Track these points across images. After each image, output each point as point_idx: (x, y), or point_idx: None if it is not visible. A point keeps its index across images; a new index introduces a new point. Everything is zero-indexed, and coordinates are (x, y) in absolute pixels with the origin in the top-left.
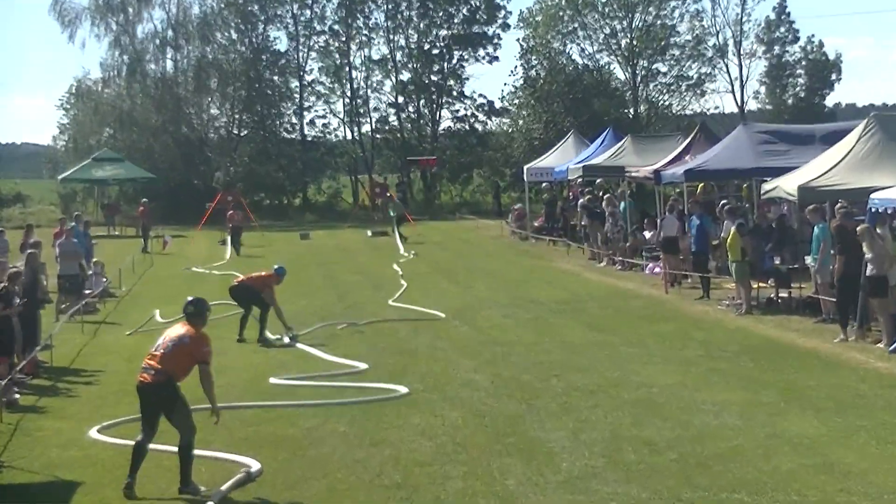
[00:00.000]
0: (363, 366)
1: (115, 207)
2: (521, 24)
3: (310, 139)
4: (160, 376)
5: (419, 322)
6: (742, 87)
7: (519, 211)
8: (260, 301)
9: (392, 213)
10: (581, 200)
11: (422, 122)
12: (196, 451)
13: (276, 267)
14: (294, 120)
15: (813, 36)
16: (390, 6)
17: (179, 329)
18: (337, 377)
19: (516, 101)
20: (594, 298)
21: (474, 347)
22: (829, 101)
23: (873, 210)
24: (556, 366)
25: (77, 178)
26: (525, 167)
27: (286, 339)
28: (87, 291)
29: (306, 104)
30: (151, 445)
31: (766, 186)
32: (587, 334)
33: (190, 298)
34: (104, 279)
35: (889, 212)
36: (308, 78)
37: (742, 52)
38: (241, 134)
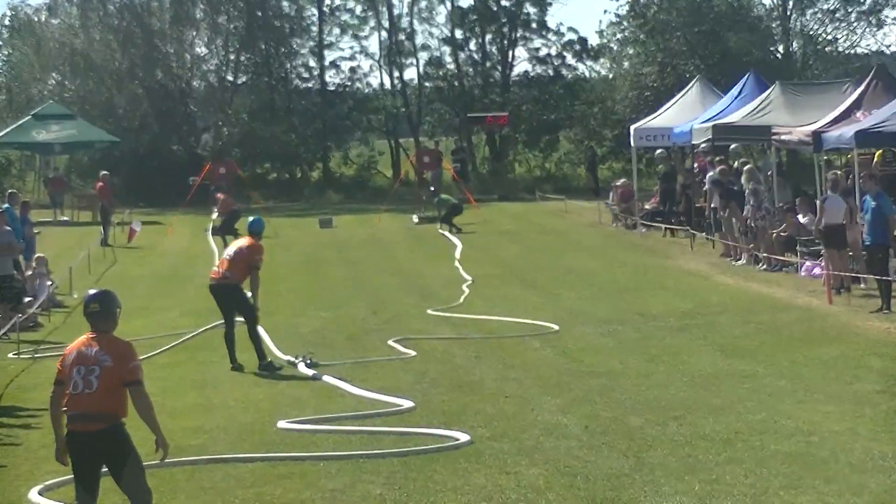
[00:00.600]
0: (408, 404)
1: (64, 182)
2: None
3: (333, 89)
4: (100, 422)
5: (483, 343)
6: None
7: (624, 189)
8: (242, 303)
9: (439, 197)
10: (710, 174)
11: (488, 64)
12: None
13: (249, 221)
14: (311, 62)
15: None
16: None
17: (87, 348)
18: (371, 420)
19: (619, 37)
20: (729, 311)
21: (561, 379)
22: None
23: None
24: (675, 405)
25: (12, 141)
26: (632, 127)
27: (301, 365)
28: (26, 299)
29: (328, 40)
30: None
31: None
32: (719, 361)
33: (92, 292)
34: (49, 282)
35: None
36: (331, 3)
37: None
38: (239, 82)
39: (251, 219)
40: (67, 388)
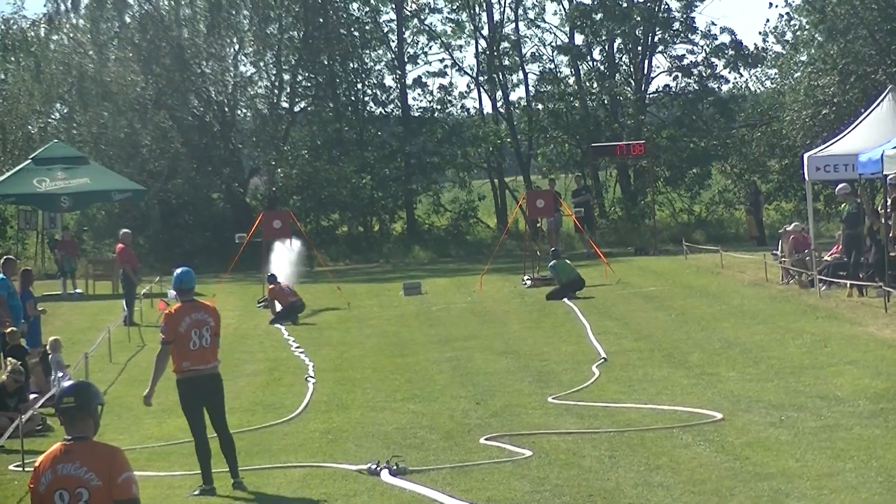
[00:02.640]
0: None
1: (75, 245)
2: None
3: (418, 114)
4: None
5: (619, 438)
6: None
7: (796, 236)
8: (222, 398)
9: (557, 261)
10: None
11: (617, 77)
12: None
13: (177, 275)
14: (389, 81)
15: None
16: None
17: (66, 463)
18: None
19: (788, 38)
20: None
21: (721, 483)
22: None
23: None
24: None
25: (7, 193)
26: (805, 156)
27: (385, 473)
28: (32, 395)
29: (410, 51)
30: None
31: None
32: None
33: (67, 384)
34: (60, 373)
35: None
36: (412, 4)
37: None
38: (296, 109)
39: (179, 271)
40: None
